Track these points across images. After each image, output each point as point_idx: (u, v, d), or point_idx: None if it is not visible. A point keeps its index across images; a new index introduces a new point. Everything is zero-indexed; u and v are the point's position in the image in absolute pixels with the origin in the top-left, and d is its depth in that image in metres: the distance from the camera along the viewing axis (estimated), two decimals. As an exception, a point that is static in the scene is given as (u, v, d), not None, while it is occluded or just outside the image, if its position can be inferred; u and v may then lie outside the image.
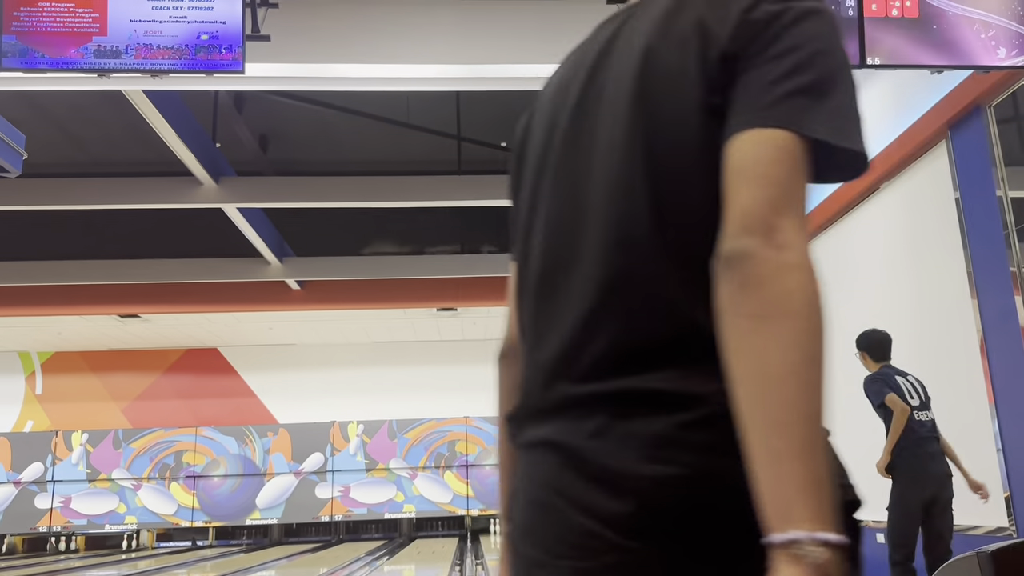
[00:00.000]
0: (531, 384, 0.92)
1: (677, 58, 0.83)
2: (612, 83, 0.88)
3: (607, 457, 0.78)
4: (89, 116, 9.75)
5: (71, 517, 13.06)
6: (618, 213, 0.83)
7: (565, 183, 0.91)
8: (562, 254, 0.89)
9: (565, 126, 0.92)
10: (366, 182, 8.53)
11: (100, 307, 11.00)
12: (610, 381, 0.81)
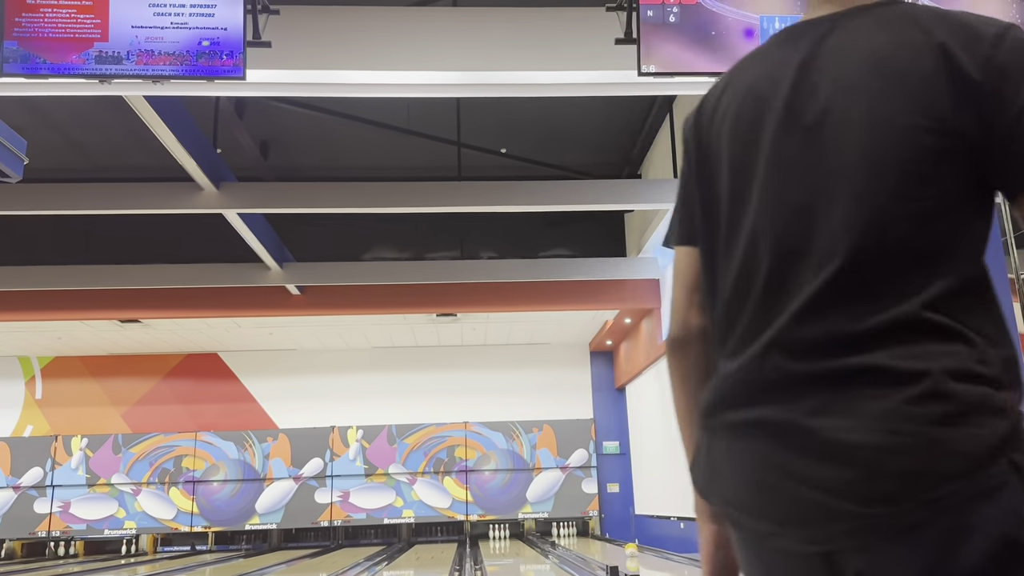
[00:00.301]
0: (739, 367, 0.95)
1: (917, 74, 0.92)
2: (833, 88, 0.96)
3: (833, 432, 0.85)
4: (90, 121, 9.78)
5: (70, 522, 13.05)
6: (861, 206, 0.90)
7: (791, 180, 0.96)
8: (795, 242, 0.94)
9: (776, 127, 0.99)
10: (366, 188, 8.54)
11: (100, 312, 11.00)
12: (837, 359, 0.86)
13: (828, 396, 0.86)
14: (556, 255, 12.37)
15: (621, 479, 13.84)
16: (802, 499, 0.87)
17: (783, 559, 0.92)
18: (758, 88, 1.03)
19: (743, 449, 0.93)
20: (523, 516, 13.40)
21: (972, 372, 0.84)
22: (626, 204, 8.59)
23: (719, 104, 1.09)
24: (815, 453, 0.86)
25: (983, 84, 0.89)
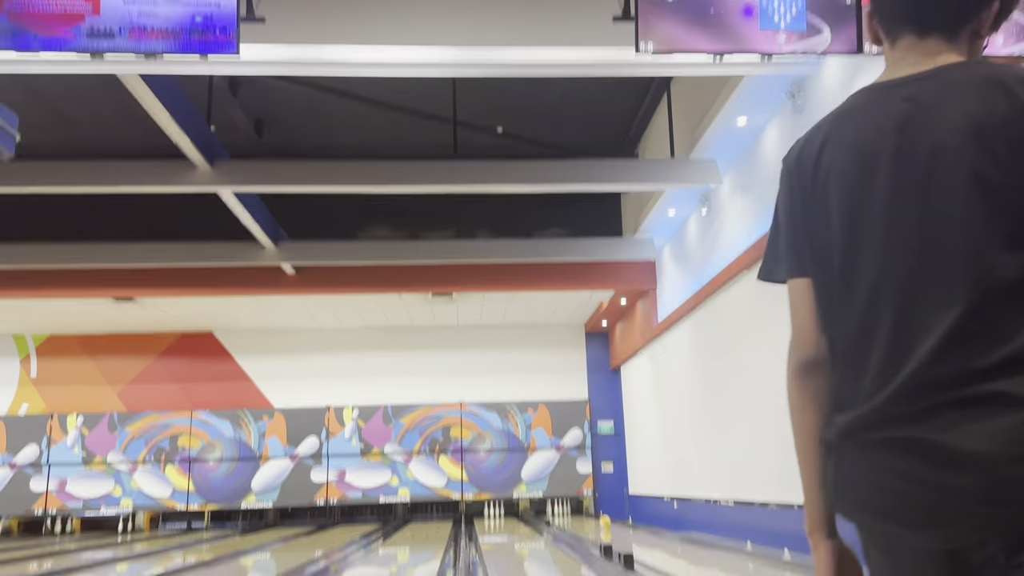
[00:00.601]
0: (885, 398, 1.07)
1: (1006, 137, 1.04)
2: (933, 149, 1.07)
3: (962, 444, 0.98)
4: (83, 98, 9.69)
5: (67, 500, 13.09)
6: (973, 257, 1.04)
7: (907, 234, 1.09)
8: (918, 289, 1.07)
9: (887, 185, 1.11)
10: (361, 167, 8.50)
11: (95, 290, 10.97)
12: (967, 388, 1.00)
13: (958, 416, 1.00)
14: (552, 235, 12.35)
15: (615, 459, 13.91)
16: (934, 503, 1.00)
17: (913, 558, 1.06)
18: (863, 147, 1.14)
19: (880, 463, 1.06)
20: (518, 495, 13.48)
21: None
22: (623, 184, 8.57)
23: (821, 156, 1.20)
24: (946, 463, 0.99)
25: None
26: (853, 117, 1.19)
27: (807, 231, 1.21)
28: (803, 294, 1.24)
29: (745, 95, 6.69)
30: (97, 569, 7.56)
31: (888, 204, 1.10)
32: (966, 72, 1.10)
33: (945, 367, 1.02)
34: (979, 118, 1.05)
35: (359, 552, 8.37)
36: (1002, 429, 0.97)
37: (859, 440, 1.09)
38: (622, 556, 6.43)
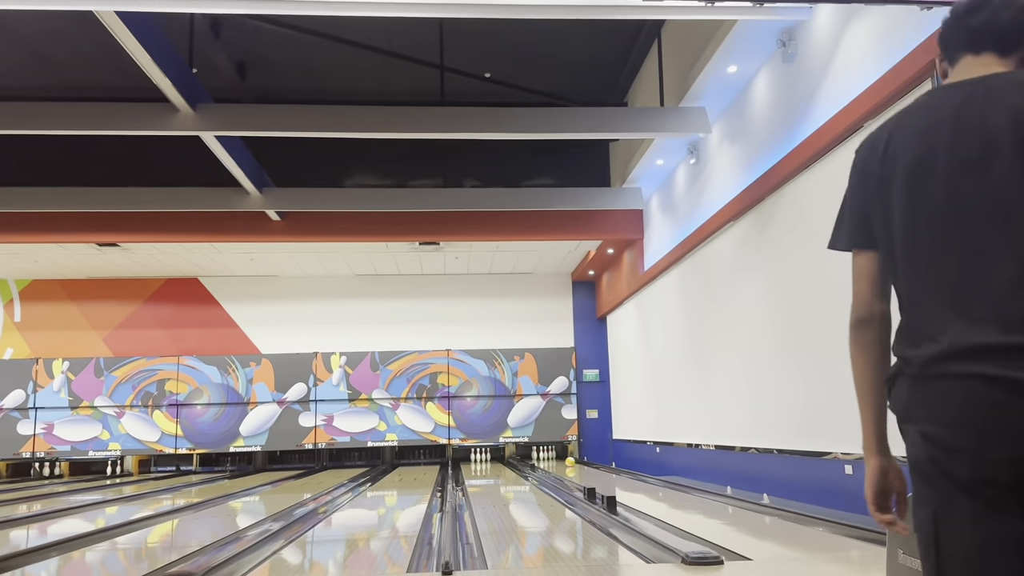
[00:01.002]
0: (948, 332, 1.27)
1: None
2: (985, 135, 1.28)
3: None
4: (62, 39, 9.46)
5: (54, 443, 13.18)
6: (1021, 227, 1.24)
7: (968, 207, 1.29)
8: (980, 251, 1.27)
9: (947, 167, 1.31)
10: (347, 111, 8.38)
11: (78, 235, 10.87)
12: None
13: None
14: (540, 184, 12.29)
15: (600, 406, 14.11)
16: (1008, 422, 1.20)
17: (979, 466, 1.23)
18: (926, 132, 1.35)
19: (964, 390, 1.24)
20: (504, 440, 13.68)
21: None
22: (612, 133, 8.50)
23: (889, 144, 1.39)
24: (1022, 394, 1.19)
25: None
26: (917, 111, 1.39)
27: (874, 209, 1.41)
28: (866, 264, 1.45)
29: (736, 43, 6.61)
30: (86, 512, 7.66)
31: (949, 184, 1.30)
32: (1012, 75, 1.35)
33: (1012, 312, 1.23)
34: (1020, 107, 1.27)
35: (347, 495, 8.51)
36: None
37: (942, 371, 1.27)
38: (605, 499, 6.57)
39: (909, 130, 1.37)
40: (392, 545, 5.16)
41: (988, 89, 1.32)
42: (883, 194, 1.39)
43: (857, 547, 4.34)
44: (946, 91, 1.38)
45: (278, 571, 4.29)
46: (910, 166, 1.35)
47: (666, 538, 4.68)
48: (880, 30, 5.06)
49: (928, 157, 1.33)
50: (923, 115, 1.37)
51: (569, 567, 4.14)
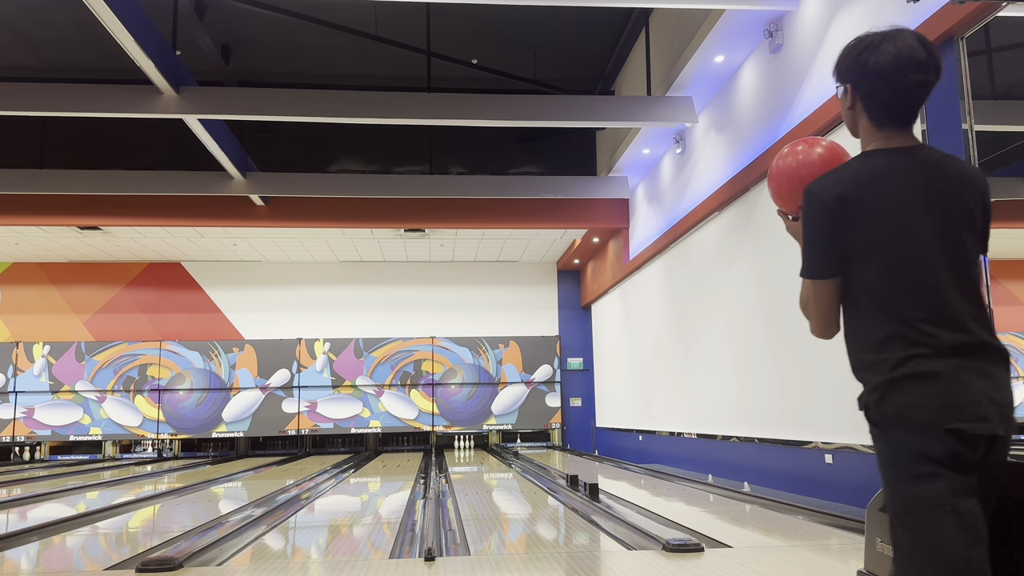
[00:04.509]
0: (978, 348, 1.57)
1: (982, 205, 1.69)
2: (953, 194, 1.64)
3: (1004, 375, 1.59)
4: (42, 18, 9.32)
5: (35, 428, 13.08)
6: (977, 269, 1.65)
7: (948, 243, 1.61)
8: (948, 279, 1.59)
9: (928, 208, 1.62)
10: (332, 96, 8.31)
11: (59, 218, 10.75)
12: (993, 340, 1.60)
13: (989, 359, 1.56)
14: (526, 172, 12.27)
15: (583, 394, 14.16)
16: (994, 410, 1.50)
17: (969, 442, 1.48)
18: (897, 185, 1.63)
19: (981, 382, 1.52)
20: (488, 428, 13.71)
21: None
22: (599, 121, 8.48)
23: (858, 192, 1.63)
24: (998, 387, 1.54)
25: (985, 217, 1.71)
26: (886, 173, 1.65)
27: (846, 246, 1.63)
28: (831, 290, 1.68)
29: (723, 33, 6.61)
30: (66, 497, 7.61)
31: (931, 225, 1.60)
32: (937, 152, 1.70)
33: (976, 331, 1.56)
34: (971, 183, 1.67)
35: (330, 481, 8.51)
36: (1007, 379, 1.57)
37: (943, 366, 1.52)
38: (587, 486, 6.61)
39: (883, 188, 1.63)
40: (375, 531, 5.17)
41: (932, 156, 1.67)
42: (851, 235, 1.63)
43: (836, 535, 4.40)
44: (904, 153, 1.67)
45: (260, 557, 4.28)
46: (884, 214, 1.62)
47: (647, 525, 4.72)
48: (866, 21, 5.07)
49: (905, 208, 1.62)
50: (895, 176, 1.64)
51: (551, 553, 4.16)
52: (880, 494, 2.37)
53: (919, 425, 1.48)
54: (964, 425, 1.45)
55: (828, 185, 1.64)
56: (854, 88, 1.72)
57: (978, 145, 4.09)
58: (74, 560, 4.43)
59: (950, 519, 1.44)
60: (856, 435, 5.13)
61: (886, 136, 1.69)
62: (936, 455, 1.45)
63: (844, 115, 1.77)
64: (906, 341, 1.54)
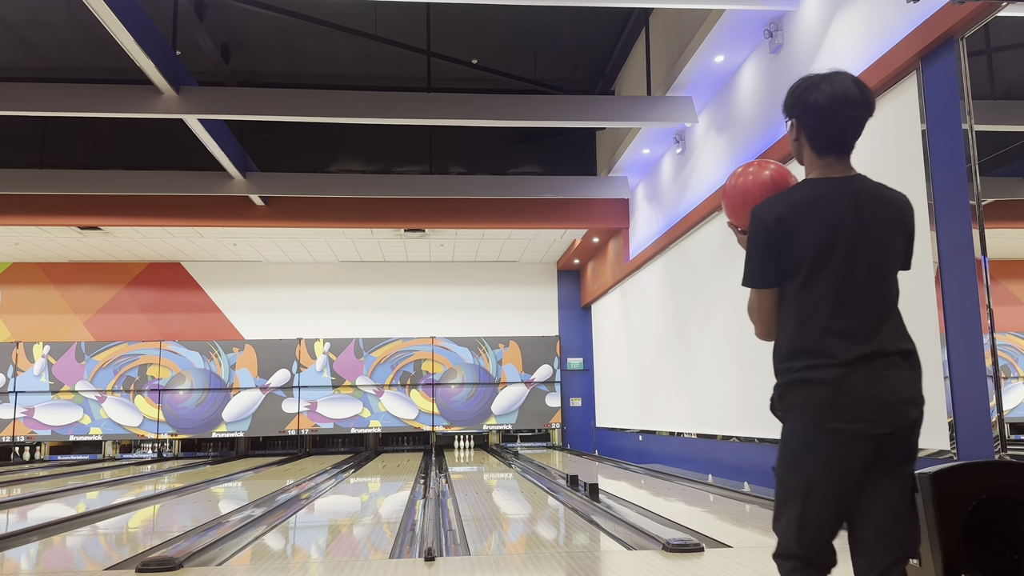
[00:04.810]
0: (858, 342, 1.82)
1: (902, 227, 1.93)
2: (875, 218, 1.87)
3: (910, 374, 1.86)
4: (42, 19, 9.32)
5: (35, 428, 13.08)
6: (891, 284, 1.90)
7: (863, 262, 1.85)
8: (871, 297, 1.86)
9: (851, 232, 1.84)
10: (332, 96, 8.31)
11: (59, 218, 10.75)
12: (906, 349, 1.87)
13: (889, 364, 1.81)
14: (526, 172, 12.27)
15: (583, 394, 14.16)
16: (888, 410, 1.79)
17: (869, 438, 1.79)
18: (828, 211, 1.85)
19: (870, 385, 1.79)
20: (488, 428, 13.72)
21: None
22: (599, 121, 8.48)
23: (796, 216, 1.86)
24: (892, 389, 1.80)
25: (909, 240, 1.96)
26: (820, 200, 1.88)
27: (783, 261, 1.87)
28: (771, 298, 1.92)
29: (723, 33, 6.61)
30: (66, 497, 7.61)
31: (849, 247, 1.83)
32: (870, 181, 1.94)
33: (879, 340, 1.82)
34: (891, 216, 1.90)
35: (330, 481, 8.51)
36: (913, 386, 1.83)
37: (833, 374, 1.79)
38: (587, 486, 6.61)
39: (817, 213, 1.86)
40: (375, 531, 5.17)
41: (866, 185, 1.91)
42: (788, 251, 1.85)
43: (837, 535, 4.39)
44: (839, 183, 1.90)
45: (260, 557, 4.28)
46: (817, 236, 1.84)
47: (647, 525, 4.72)
48: (867, 21, 5.08)
49: (834, 229, 1.84)
50: (828, 202, 1.87)
51: (551, 553, 4.16)
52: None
53: (804, 422, 1.80)
54: (843, 425, 1.75)
55: (771, 208, 1.88)
56: (798, 122, 1.95)
57: (978, 145, 4.09)
58: (74, 560, 4.43)
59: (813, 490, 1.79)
60: (856, 435, 5.13)
61: (826, 164, 1.92)
62: (815, 445, 1.78)
63: (791, 146, 2.00)
64: (808, 354, 1.80)
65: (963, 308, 4.14)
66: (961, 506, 2.09)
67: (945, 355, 4.25)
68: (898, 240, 1.89)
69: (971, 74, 4.16)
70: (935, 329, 4.34)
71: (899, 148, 4.75)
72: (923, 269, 4.47)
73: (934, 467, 2.20)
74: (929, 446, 4.41)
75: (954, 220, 4.20)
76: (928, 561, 2.09)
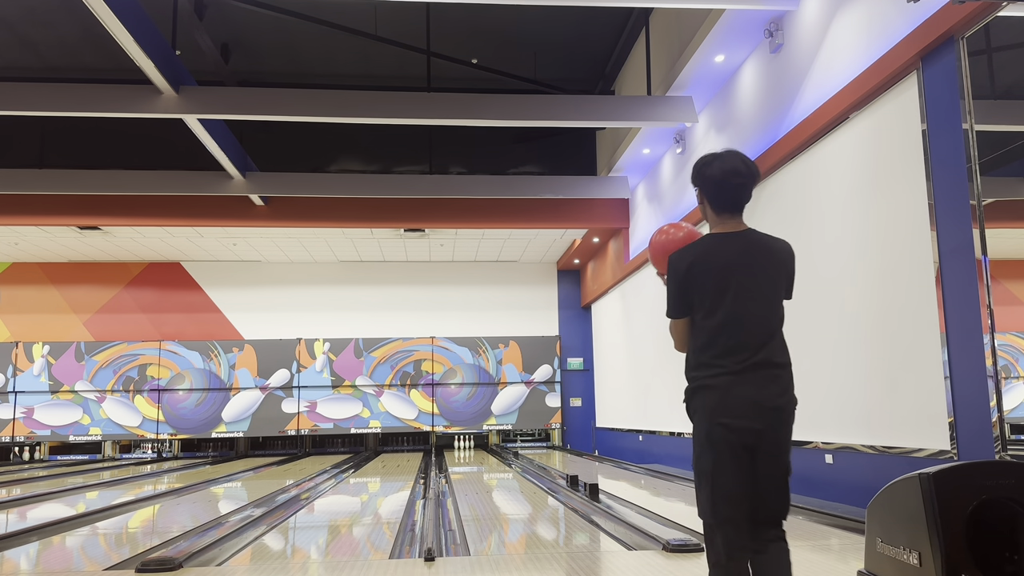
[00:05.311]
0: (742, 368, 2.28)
1: (783, 268, 2.39)
2: (759, 262, 2.34)
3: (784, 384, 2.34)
4: (42, 18, 9.32)
5: (34, 428, 13.07)
6: (774, 313, 2.34)
7: (750, 296, 2.32)
8: (753, 324, 2.31)
9: (739, 277, 2.32)
10: (332, 96, 8.31)
11: (58, 218, 10.75)
12: (782, 363, 2.33)
13: (769, 376, 2.29)
14: (526, 172, 12.26)
15: (584, 394, 14.16)
16: (762, 411, 2.26)
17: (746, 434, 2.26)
18: (727, 264, 2.34)
19: (738, 393, 2.28)
20: (487, 428, 13.71)
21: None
22: (599, 121, 8.48)
23: (699, 264, 2.35)
24: (766, 397, 2.27)
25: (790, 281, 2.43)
26: (717, 251, 2.37)
27: (691, 298, 2.37)
28: (685, 323, 2.42)
29: (723, 32, 6.61)
30: (66, 497, 7.61)
31: (739, 286, 2.32)
32: (758, 233, 2.41)
33: (774, 357, 2.32)
34: (775, 262, 2.37)
35: (330, 482, 8.50)
36: (778, 392, 2.28)
37: (721, 381, 2.29)
38: (587, 486, 6.61)
39: (715, 261, 2.34)
40: (375, 531, 5.16)
41: (756, 238, 2.39)
42: (696, 290, 2.35)
43: (836, 535, 4.39)
44: (732, 237, 2.39)
45: (260, 557, 4.28)
46: (718, 279, 2.32)
47: (648, 525, 4.72)
48: (867, 21, 5.07)
49: (728, 274, 2.33)
50: (722, 252, 2.36)
51: (551, 554, 4.16)
52: (879, 494, 2.38)
53: (704, 418, 2.30)
54: (728, 420, 2.24)
55: (682, 257, 2.39)
56: (701, 190, 2.45)
57: (978, 145, 4.09)
58: (74, 560, 4.42)
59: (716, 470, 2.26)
60: (856, 435, 5.14)
61: (723, 220, 2.42)
62: (713, 436, 2.27)
63: (700, 208, 2.49)
64: (707, 367, 2.30)
65: (963, 308, 4.13)
66: (961, 506, 2.09)
67: (945, 355, 4.25)
68: (780, 279, 2.38)
69: (971, 74, 4.15)
70: (935, 329, 4.33)
71: (899, 148, 4.75)
72: (923, 269, 4.47)
73: (934, 467, 2.19)
74: (929, 446, 4.41)
75: (954, 220, 4.20)
76: (928, 561, 2.09)
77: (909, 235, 4.64)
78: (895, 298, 4.75)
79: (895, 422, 4.74)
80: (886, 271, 4.87)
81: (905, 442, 4.64)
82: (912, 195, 4.61)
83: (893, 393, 4.76)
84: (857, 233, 5.25)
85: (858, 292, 5.19)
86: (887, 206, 4.90)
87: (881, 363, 4.87)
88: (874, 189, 5.06)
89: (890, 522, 2.35)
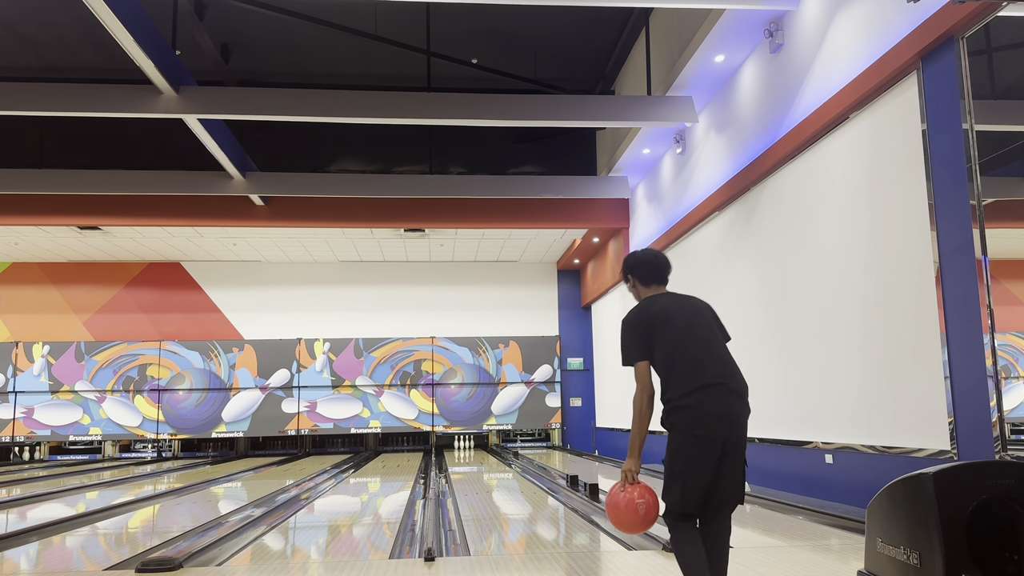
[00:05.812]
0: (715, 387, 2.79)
1: (712, 315, 2.99)
2: (695, 316, 2.92)
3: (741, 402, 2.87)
4: (42, 19, 9.32)
5: (34, 428, 13.07)
6: (721, 343, 2.92)
7: (698, 342, 2.85)
8: (706, 360, 2.82)
9: (690, 321, 2.87)
10: (332, 96, 8.30)
11: (58, 218, 10.75)
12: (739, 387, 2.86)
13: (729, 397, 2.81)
14: (526, 172, 12.26)
15: (584, 394, 14.16)
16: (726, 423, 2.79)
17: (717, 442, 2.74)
18: (672, 317, 2.86)
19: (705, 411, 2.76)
20: (487, 428, 13.71)
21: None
22: (599, 121, 8.48)
23: (655, 316, 2.87)
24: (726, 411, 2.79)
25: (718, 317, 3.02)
26: (658, 303, 2.91)
27: (649, 345, 2.85)
28: (646, 368, 2.84)
29: (723, 32, 6.61)
30: (66, 497, 7.61)
31: (687, 334, 2.84)
32: (684, 295, 2.99)
33: (723, 379, 2.79)
34: (704, 309, 2.96)
35: (330, 482, 8.50)
36: (738, 405, 2.80)
37: (693, 401, 2.75)
38: (587, 486, 6.60)
39: (662, 315, 2.86)
40: (375, 531, 5.16)
41: (686, 299, 2.96)
42: (653, 336, 2.84)
43: (837, 535, 4.39)
44: (669, 297, 2.95)
45: (260, 557, 4.28)
46: (669, 329, 2.83)
47: (648, 525, 4.70)
48: (867, 21, 5.07)
49: (673, 326, 2.84)
50: (667, 308, 2.88)
51: (551, 554, 4.16)
52: (879, 494, 2.38)
53: (683, 431, 2.76)
54: (702, 432, 2.71)
55: (634, 316, 2.91)
56: (632, 275, 3.06)
57: (978, 145, 4.09)
58: (74, 560, 4.42)
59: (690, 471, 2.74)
60: (856, 435, 5.13)
61: (652, 289, 3.03)
62: (691, 445, 2.73)
63: (630, 291, 3.09)
64: (675, 391, 2.76)
65: (963, 308, 4.13)
66: (961, 506, 2.08)
67: (945, 355, 4.24)
68: (712, 324, 2.92)
69: (971, 74, 4.15)
70: (935, 329, 4.33)
71: (899, 148, 4.75)
72: (923, 269, 4.47)
73: (934, 467, 2.19)
74: (929, 446, 4.41)
75: (954, 220, 4.20)
76: (928, 561, 2.09)
77: (909, 235, 4.63)
78: (895, 298, 4.75)
79: (895, 422, 4.74)
80: (886, 271, 4.87)
81: (905, 442, 4.64)
82: (912, 195, 4.60)
83: (893, 393, 4.76)
84: (857, 233, 5.24)
85: (858, 292, 5.18)
86: (887, 206, 4.90)
87: (881, 363, 4.87)
88: (874, 189, 5.06)
89: (890, 522, 2.35)
